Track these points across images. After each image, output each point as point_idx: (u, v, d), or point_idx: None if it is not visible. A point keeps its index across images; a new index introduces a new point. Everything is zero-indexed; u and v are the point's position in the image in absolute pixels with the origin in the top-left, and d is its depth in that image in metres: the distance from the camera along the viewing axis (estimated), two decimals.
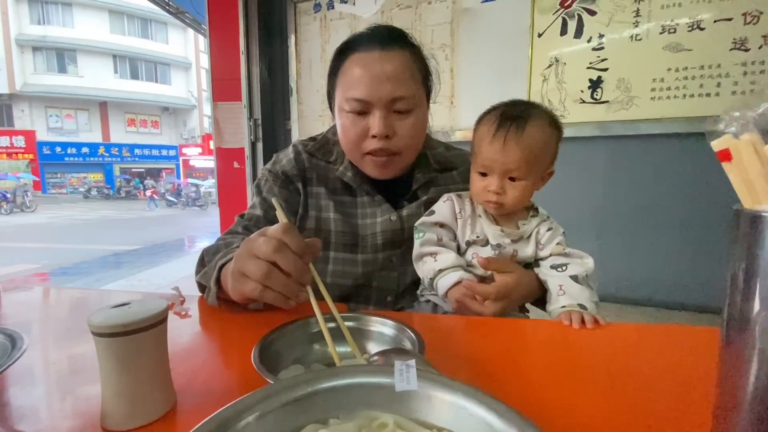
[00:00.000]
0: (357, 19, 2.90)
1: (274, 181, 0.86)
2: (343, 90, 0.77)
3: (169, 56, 22.16)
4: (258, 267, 0.51)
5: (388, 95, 0.74)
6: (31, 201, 13.67)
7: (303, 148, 0.88)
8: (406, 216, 0.84)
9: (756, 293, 0.27)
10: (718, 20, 2.08)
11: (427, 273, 0.74)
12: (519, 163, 0.70)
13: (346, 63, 0.77)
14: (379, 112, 0.74)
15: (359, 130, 0.76)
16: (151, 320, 0.38)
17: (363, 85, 0.74)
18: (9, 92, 18.48)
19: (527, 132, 0.69)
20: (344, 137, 0.80)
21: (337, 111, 0.80)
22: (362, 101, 0.74)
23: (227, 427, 0.28)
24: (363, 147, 0.78)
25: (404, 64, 0.75)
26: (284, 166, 0.87)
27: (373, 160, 0.79)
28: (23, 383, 0.47)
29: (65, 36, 19.24)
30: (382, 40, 0.76)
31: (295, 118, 3.16)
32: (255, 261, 0.51)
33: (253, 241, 0.53)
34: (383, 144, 0.76)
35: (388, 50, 0.75)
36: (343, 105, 0.77)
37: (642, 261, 2.39)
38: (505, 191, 0.72)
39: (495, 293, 0.68)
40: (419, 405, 0.32)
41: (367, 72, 0.74)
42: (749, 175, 0.28)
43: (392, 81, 0.74)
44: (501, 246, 0.75)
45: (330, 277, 0.84)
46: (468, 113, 2.65)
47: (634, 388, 0.45)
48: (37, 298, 0.83)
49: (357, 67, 0.75)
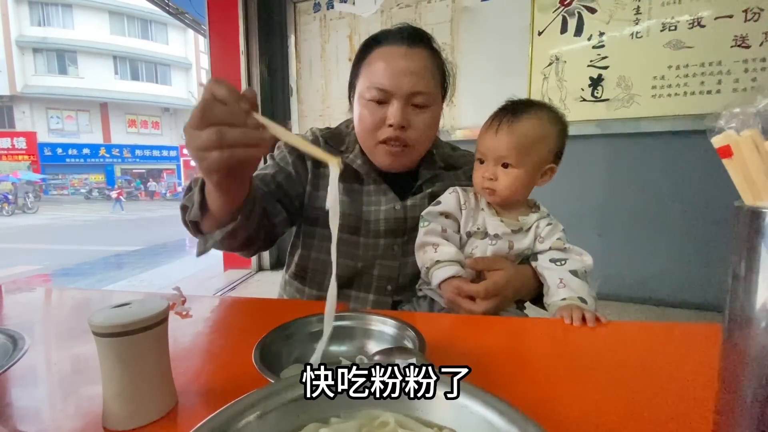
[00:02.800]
0: (357, 19, 2.90)
1: (289, 152, 0.89)
2: (366, 79, 0.81)
3: (170, 57, 22.18)
4: (207, 133, 0.48)
5: (408, 88, 0.78)
6: (33, 202, 13.71)
7: (319, 133, 0.92)
8: (410, 206, 0.86)
9: (757, 289, 0.27)
10: (718, 17, 2.07)
11: (425, 262, 0.75)
12: (510, 150, 0.72)
13: (372, 55, 0.81)
14: (398, 103, 0.78)
15: (377, 118, 0.80)
16: (152, 320, 0.38)
17: (386, 76, 0.78)
18: (10, 94, 18.51)
19: (520, 121, 0.72)
20: (361, 124, 0.83)
21: (357, 99, 0.83)
22: (383, 90, 0.78)
23: (228, 426, 0.28)
24: (378, 135, 0.81)
25: (426, 63, 0.80)
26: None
27: (386, 149, 0.82)
28: (25, 384, 0.47)
29: (66, 37, 19.27)
30: (408, 38, 0.80)
31: (296, 117, 3.17)
32: (201, 128, 0.48)
33: (191, 114, 0.50)
34: (398, 134, 0.79)
35: (412, 48, 0.80)
36: (365, 93, 0.80)
37: (643, 259, 2.38)
38: (497, 177, 0.74)
39: (484, 292, 0.69)
40: (420, 403, 0.32)
41: (391, 64, 0.78)
42: (750, 171, 0.28)
43: (414, 76, 0.78)
44: (498, 236, 0.76)
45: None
46: (468, 112, 2.65)
47: (636, 386, 0.45)
48: (38, 299, 0.83)
49: (382, 59, 0.79)
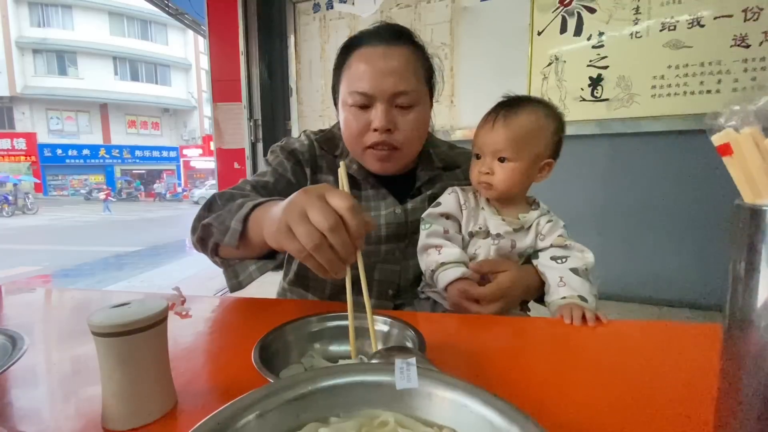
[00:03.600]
0: (356, 19, 2.90)
1: (287, 158, 0.86)
2: (347, 84, 0.79)
3: (169, 57, 22.17)
4: (309, 235, 0.46)
5: (390, 89, 0.75)
6: (33, 203, 13.70)
7: (314, 137, 0.90)
8: (411, 210, 0.85)
9: (757, 288, 0.27)
10: (718, 17, 2.07)
11: (430, 265, 0.74)
12: (506, 143, 0.72)
13: (351, 58, 0.79)
14: (381, 105, 0.76)
15: (361, 124, 0.78)
16: (151, 320, 0.38)
17: (366, 79, 0.75)
18: (10, 95, 18.50)
19: (516, 115, 0.72)
20: (347, 131, 0.81)
21: (341, 105, 0.82)
22: (365, 95, 0.76)
23: (227, 426, 0.28)
24: (364, 141, 0.79)
25: (407, 61, 0.77)
26: (297, 148, 0.88)
27: (373, 154, 0.80)
28: (25, 384, 0.47)
29: (65, 38, 19.27)
30: (386, 37, 0.78)
31: (295, 118, 3.16)
32: (307, 227, 0.46)
33: (310, 200, 0.47)
34: (384, 137, 0.77)
35: (392, 46, 0.77)
36: (347, 99, 0.78)
37: (643, 258, 2.38)
38: (494, 172, 0.73)
39: (490, 295, 0.68)
40: (420, 403, 0.32)
41: (371, 66, 0.75)
42: (750, 169, 0.28)
43: (395, 76, 0.75)
44: (500, 236, 0.76)
45: None
46: (468, 112, 2.65)
47: (636, 386, 0.44)
48: (38, 300, 0.83)
49: (361, 62, 0.77)
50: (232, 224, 0.63)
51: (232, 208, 0.67)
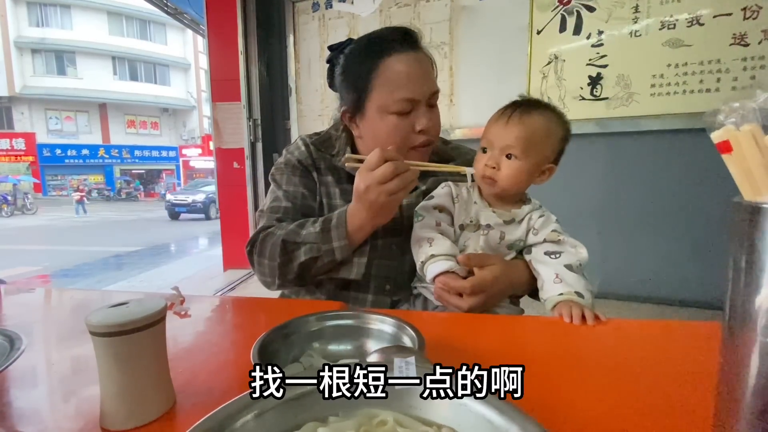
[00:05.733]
0: (355, 18, 2.90)
1: (292, 172, 0.89)
2: (388, 93, 0.79)
3: (168, 57, 22.13)
4: (384, 167, 0.67)
5: (429, 91, 0.81)
6: (32, 203, 13.69)
7: (309, 140, 0.92)
8: (406, 205, 0.86)
9: (757, 285, 0.27)
10: (717, 15, 2.07)
11: (421, 256, 0.75)
12: (518, 140, 0.72)
13: (383, 67, 0.79)
14: (424, 107, 0.81)
15: (407, 128, 0.81)
16: (149, 319, 0.38)
17: (411, 85, 0.79)
18: (8, 95, 18.45)
19: (531, 115, 0.73)
20: (390, 138, 0.81)
21: (377, 114, 0.81)
22: (412, 100, 0.79)
23: (226, 426, 0.28)
24: (408, 143, 0.82)
25: (429, 61, 0.83)
26: (298, 157, 0.90)
27: (417, 154, 0.83)
28: (23, 384, 0.47)
29: (64, 38, 19.22)
30: (411, 42, 0.82)
31: (295, 117, 3.16)
32: (376, 169, 0.68)
33: (372, 186, 0.69)
34: (429, 136, 0.82)
35: (417, 50, 0.82)
36: (389, 107, 0.80)
37: (642, 257, 2.38)
38: (499, 167, 0.74)
39: (470, 288, 0.69)
40: (419, 402, 0.32)
41: (411, 72, 0.79)
42: (749, 166, 0.28)
43: (429, 77, 0.82)
44: (490, 227, 0.76)
45: None
46: (467, 111, 2.65)
47: (635, 384, 0.44)
48: (37, 300, 0.83)
49: (401, 70, 0.79)
50: (336, 245, 0.76)
51: (304, 237, 0.78)
